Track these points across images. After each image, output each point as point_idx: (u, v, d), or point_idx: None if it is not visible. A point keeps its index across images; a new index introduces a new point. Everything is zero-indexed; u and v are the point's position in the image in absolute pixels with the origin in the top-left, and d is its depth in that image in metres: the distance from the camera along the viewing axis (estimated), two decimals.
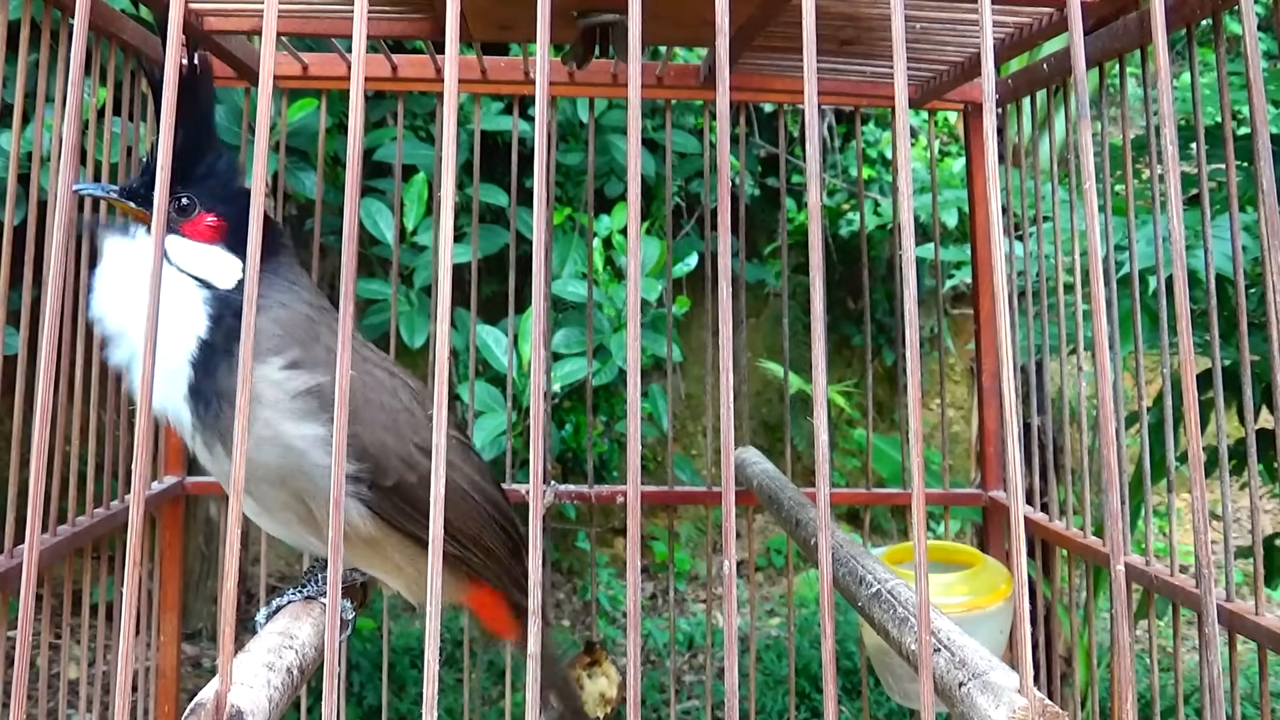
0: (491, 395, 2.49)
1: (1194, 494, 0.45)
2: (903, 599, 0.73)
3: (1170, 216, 0.46)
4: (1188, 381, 0.44)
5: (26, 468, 0.99)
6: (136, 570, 0.42)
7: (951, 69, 1.30)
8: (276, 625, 0.60)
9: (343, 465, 0.43)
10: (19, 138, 1.07)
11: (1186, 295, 0.45)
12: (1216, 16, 0.95)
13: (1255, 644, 0.95)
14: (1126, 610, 0.45)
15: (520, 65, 1.42)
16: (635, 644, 0.42)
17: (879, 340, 3.98)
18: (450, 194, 0.44)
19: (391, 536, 0.80)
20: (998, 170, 0.45)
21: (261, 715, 0.47)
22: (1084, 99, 0.46)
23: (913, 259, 0.43)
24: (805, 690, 3.00)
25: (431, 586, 0.42)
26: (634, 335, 0.43)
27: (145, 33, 1.28)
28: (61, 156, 0.46)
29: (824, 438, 0.44)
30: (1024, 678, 0.45)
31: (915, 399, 0.44)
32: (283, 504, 0.76)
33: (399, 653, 2.91)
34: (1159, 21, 0.48)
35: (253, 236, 0.45)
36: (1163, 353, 1.10)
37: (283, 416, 0.73)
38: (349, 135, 0.44)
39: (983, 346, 1.49)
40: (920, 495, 0.44)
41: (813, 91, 0.45)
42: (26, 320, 1.04)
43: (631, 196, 0.44)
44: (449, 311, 0.43)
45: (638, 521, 0.42)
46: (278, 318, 0.77)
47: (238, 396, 0.43)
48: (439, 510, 0.42)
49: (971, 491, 1.54)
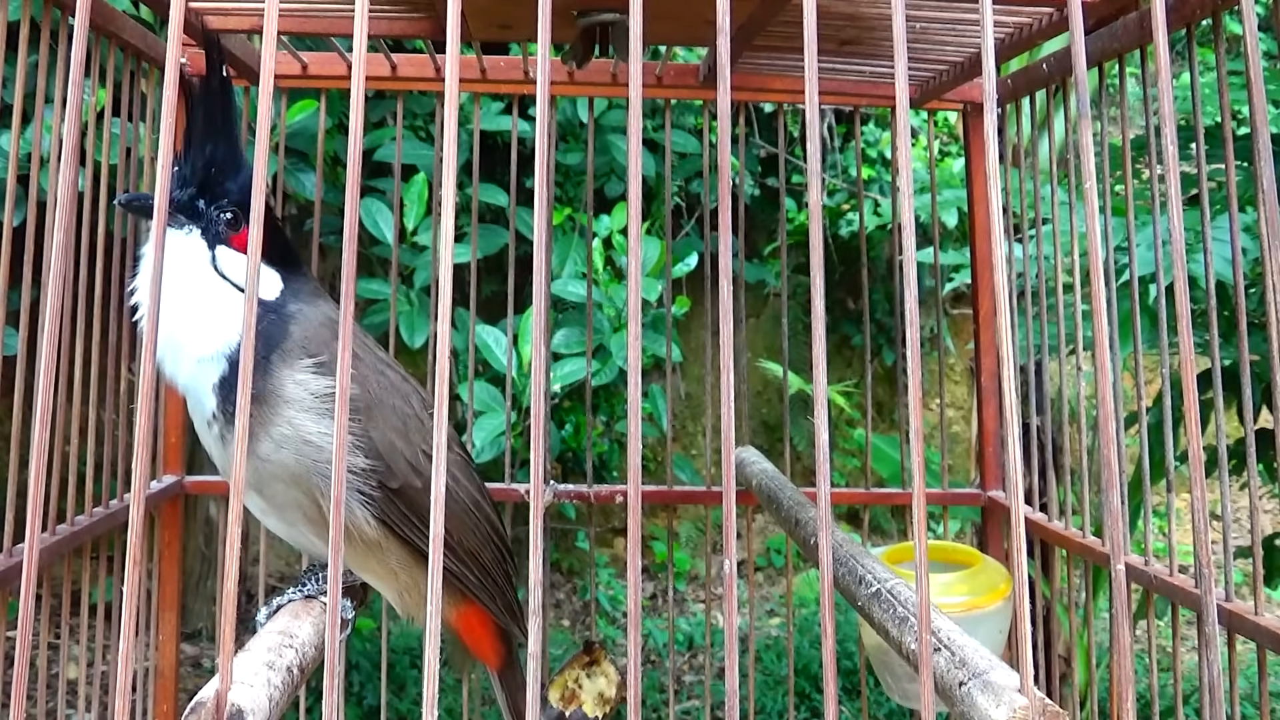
0: (491, 395, 2.49)
1: (1194, 494, 0.45)
2: (902, 598, 0.73)
3: (1170, 217, 0.46)
4: (1188, 381, 0.44)
5: (26, 468, 0.99)
6: (136, 570, 0.42)
7: (951, 69, 1.30)
8: (276, 624, 0.60)
9: (343, 462, 0.43)
10: (18, 138, 1.07)
11: (1186, 297, 0.45)
12: (1216, 16, 0.95)
13: (1255, 644, 0.95)
14: (1126, 610, 0.45)
15: (520, 65, 1.42)
16: (635, 643, 0.42)
17: (879, 340, 3.98)
18: (451, 193, 0.44)
19: (391, 541, 0.80)
20: (998, 170, 0.45)
21: (262, 714, 0.47)
22: (1084, 98, 0.46)
23: (913, 258, 0.43)
24: (805, 690, 3.00)
25: (431, 585, 0.42)
26: (634, 335, 0.43)
27: (145, 32, 1.28)
28: (62, 157, 0.46)
29: (824, 437, 0.44)
30: (1024, 677, 0.45)
31: (915, 398, 0.44)
32: (293, 503, 0.77)
33: (399, 653, 2.91)
34: (1159, 21, 0.48)
35: (253, 236, 0.45)
36: (1162, 353, 1.10)
37: (305, 415, 0.74)
38: (349, 135, 0.44)
39: (982, 346, 1.49)
40: (921, 495, 0.44)
41: (813, 91, 0.45)
42: (26, 320, 1.04)
43: (632, 196, 0.44)
44: (449, 312, 0.43)
45: (638, 521, 0.42)
46: (305, 324, 0.79)
47: (238, 396, 0.43)
48: (439, 510, 0.42)
49: (971, 491, 1.54)
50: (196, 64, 1.38)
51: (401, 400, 0.82)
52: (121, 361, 1.25)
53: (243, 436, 0.43)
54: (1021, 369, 1.76)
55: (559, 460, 3.03)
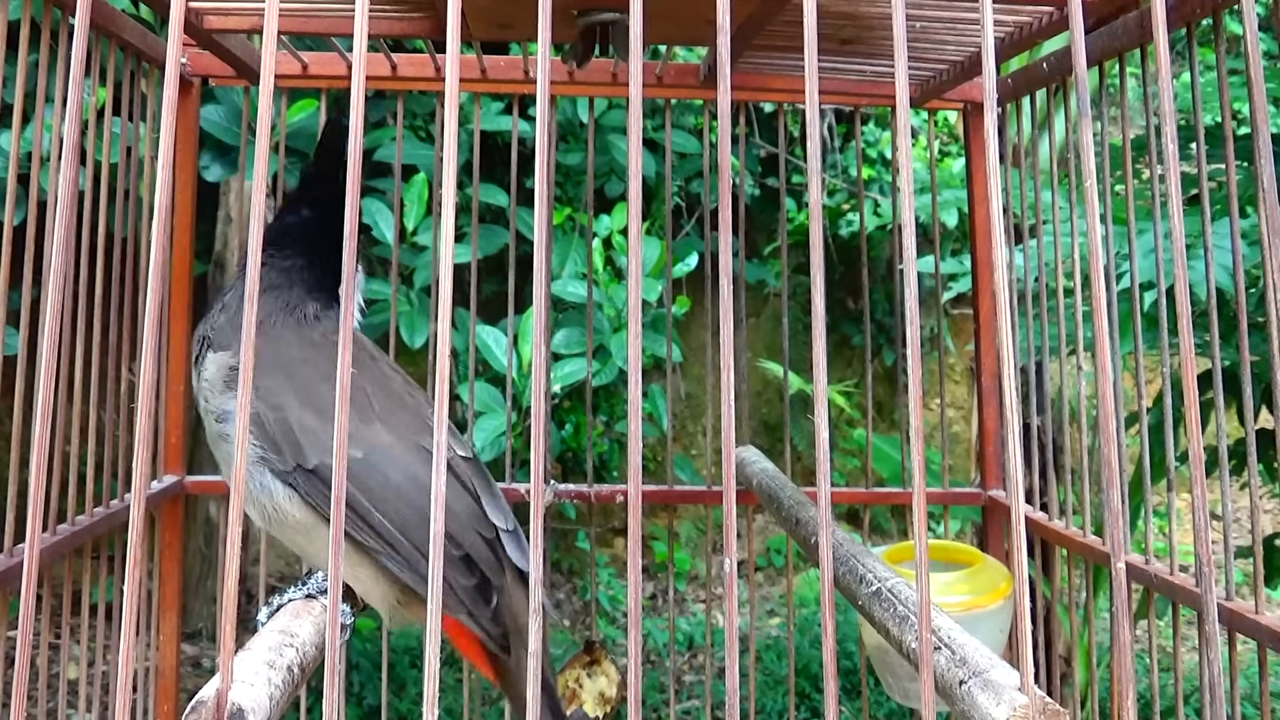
0: (492, 395, 2.49)
1: (1194, 493, 0.45)
2: (903, 597, 0.73)
3: (1171, 217, 0.46)
4: (1188, 381, 0.44)
5: (26, 468, 0.99)
6: (137, 570, 0.42)
7: (951, 68, 1.30)
8: (277, 623, 0.60)
9: (343, 458, 0.43)
10: (18, 138, 1.07)
11: (1187, 297, 0.45)
12: (1216, 16, 0.95)
13: (1255, 643, 0.95)
14: (1127, 609, 0.45)
15: (520, 64, 1.42)
16: (636, 642, 0.42)
17: (879, 340, 3.98)
18: (451, 193, 0.44)
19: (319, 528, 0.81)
20: (999, 170, 0.45)
21: (262, 713, 0.47)
22: (1084, 98, 0.46)
23: (913, 257, 0.43)
24: (805, 690, 3.00)
25: (431, 585, 0.42)
26: (635, 334, 0.43)
27: (145, 32, 1.28)
28: (62, 156, 0.46)
29: (824, 436, 0.44)
30: (1025, 675, 0.45)
31: (916, 398, 0.44)
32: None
33: (399, 653, 2.91)
34: (1159, 20, 0.48)
35: (253, 234, 0.45)
36: (1162, 353, 1.10)
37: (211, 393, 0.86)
38: (349, 134, 0.44)
39: (982, 347, 1.49)
40: (921, 494, 0.44)
41: (813, 90, 0.45)
42: (26, 320, 1.04)
43: (633, 195, 0.44)
44: (450, 312, 0.43)
45: (639, 520, 0.42)
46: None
47: (239, 393, 0.43)
48: (440, 509, 0.42)
49: (971, 491, 1.54)
50: (196, 64, 1.38)
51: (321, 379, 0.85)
52: (122, 362, 1.25)
53: (243, 436, 0.43)
54: (1022, 369, 1.76)
55: (559, 460, 3.03)
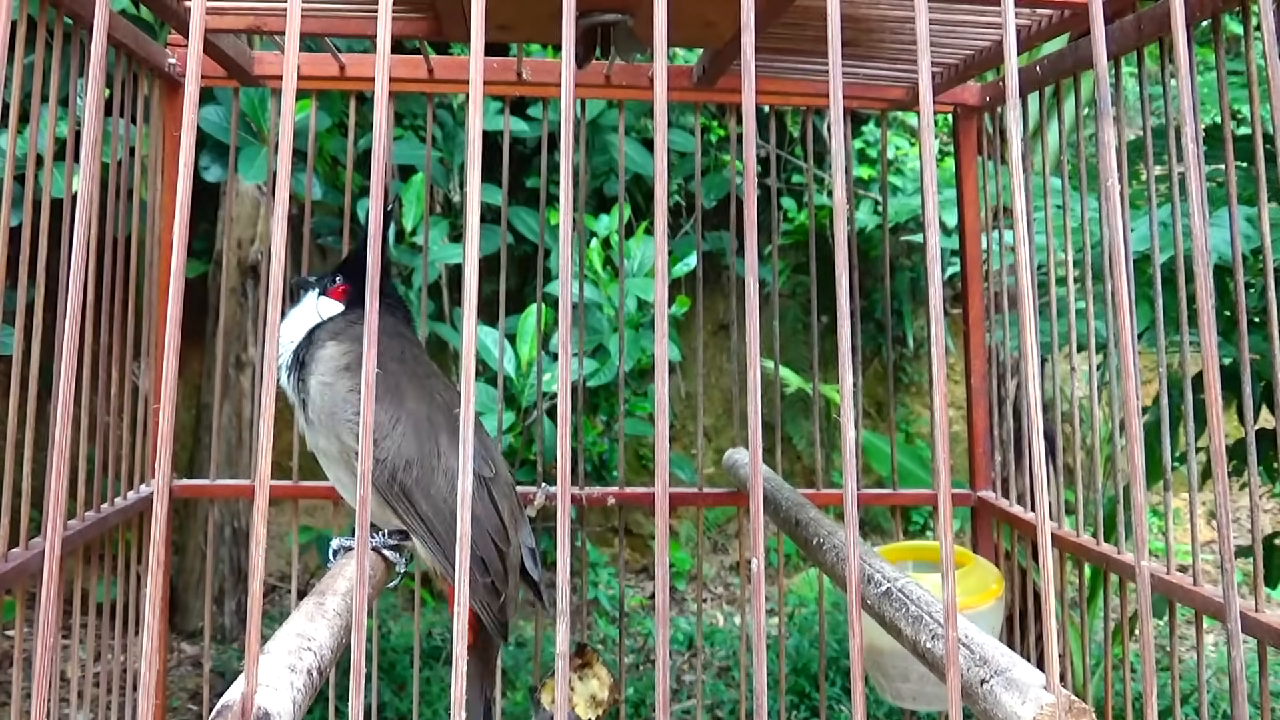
0: (490, 396, 2.48)
1: (1217, 490, 0.45)
2: (914, 597, 0.73)
3: (1191, 216, 0.46)
4: (1210, 376, 0.45)
5: (21, 468, 0.98)
6: (161, 571, 0.42)
7: (945, 71, 1.30)
8: (293, 626, 0.60)
9: (370, 451, 0.42)
10: (15, 138, 1.07)
11: (1209, 290, 0.45)
12: (1216, 17, 0.96)
13: (1256, 641, 0.95)
14: (1148, 608, 0.45)
15: (514, 66, 1.42)
16: (664, 644, 0.42)
17: (878, 340, 3.99)
18: (476, 191, 0.44)
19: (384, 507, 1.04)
20: (1021, 168, 0.45)
21: (288, 717, 0.47)
22: (1105, 96, 0.46)
23: (937, 255, 0.43)
24: (804, 689, 3.01)
25: (460, 585, 0.41)
26: (661, 334, 0.43)
27: (137, 33, 1.28)
28: (81, 157, 0.45)
29: (850, 436, 0.44)
30: (1050, 674, 0.45)
31: (940, 393, 0.44)
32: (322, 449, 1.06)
33: (399, 652, 2.91)
34: (1178, 20, 0.48)
35: (276, 235, 0.45)
36: (1160, 353, 1.11)
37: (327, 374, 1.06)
38: (374, 134, 0.44)
39: (971, 347, 1.50)
40: (946, 495, 0.44)
41: (838, 89, 0.45)
42: (22, 322, 1.03)
43: (659, 196, 0.44)
44: (475, 310, 0.43)
45: (665, 518, 0.42)
46: (337, 323, 1.12)
47: (261, 394, 0.43)
48: (467, 509, 0.41)
49: (960, 492, 1.53)
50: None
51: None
52: (115, 363, 1.25)
53: (267, 438, 0.43)
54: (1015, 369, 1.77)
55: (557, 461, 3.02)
